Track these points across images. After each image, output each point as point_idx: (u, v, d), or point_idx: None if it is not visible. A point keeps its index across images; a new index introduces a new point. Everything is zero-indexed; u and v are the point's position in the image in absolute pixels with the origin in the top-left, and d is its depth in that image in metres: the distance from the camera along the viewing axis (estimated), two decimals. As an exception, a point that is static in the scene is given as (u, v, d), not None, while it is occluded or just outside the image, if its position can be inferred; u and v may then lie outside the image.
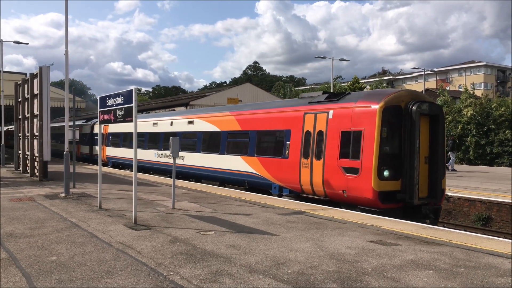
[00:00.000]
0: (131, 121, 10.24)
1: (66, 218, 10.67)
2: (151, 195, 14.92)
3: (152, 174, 23.98)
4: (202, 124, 20.01)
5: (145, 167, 24.60)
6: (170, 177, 19.82)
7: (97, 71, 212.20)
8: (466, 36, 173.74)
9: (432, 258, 7.35)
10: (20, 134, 25.14)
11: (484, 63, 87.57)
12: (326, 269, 6.68)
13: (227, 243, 8.21)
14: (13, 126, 32.02)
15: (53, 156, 36.79)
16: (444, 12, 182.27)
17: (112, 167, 28.73)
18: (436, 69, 79.62)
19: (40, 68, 19.48)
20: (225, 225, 9.91)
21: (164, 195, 15.08)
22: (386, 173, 12.11)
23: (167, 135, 22.30)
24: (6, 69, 36.10)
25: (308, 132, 14.14)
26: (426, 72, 54.01)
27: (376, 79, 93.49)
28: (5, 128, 39.07)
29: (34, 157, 21.19)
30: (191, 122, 20.84)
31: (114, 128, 28.93)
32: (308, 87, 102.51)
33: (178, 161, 19.30)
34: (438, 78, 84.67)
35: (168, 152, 20.23)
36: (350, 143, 12.67)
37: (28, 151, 22.44)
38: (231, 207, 12.59)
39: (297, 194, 14.65)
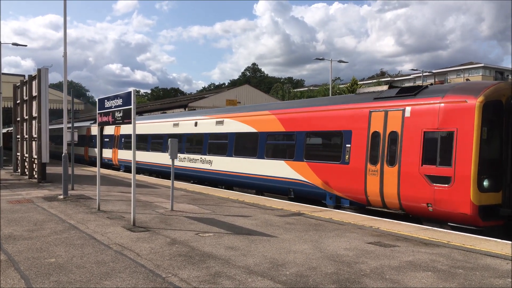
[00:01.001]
0: (130, 123, 10.24)
1: (65, 220, 10.66)
2: (149, 197, 14.92)
3: (155, 176, 23.13)
4: (234, 125, 17.77)
5: (165, 172, 22.38)
6: (195, 183, 19.95)
7: (95, 73, 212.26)
8: (464, 38, 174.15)
9: (431, 259, 7.37)
10: (18, 136, 25.13)
11: (482, 65, 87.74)
12: (325, 270, 6.69)
13: (225, 245, 8.22)
14: (12, 128, 31.97)
15: (57, 158, 36.35)
16: (442, 14, 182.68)
17: (125, 171, 26.57)
18: (434, 71, 79.87)
19: (39, 70, 19.49)
20: (223, 227, 9.92)
21: (162, 197, 15.08)
22: (486, 183, 10.03)
23: (190, 137, 20.93)
24: (4, 71, 36.14)
25: (376, 134, 12.02)
26: (424, 74, 54.16)
27: (375, 80, 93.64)
28: (4, 130, 38.91)
29: (33, 159, 21.18)
30: (220, 123, 18.52)
31: (127, 129, 26.77)
32: (307, 88, 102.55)
33: (205, 166, 18.88)
34: (436, 80, 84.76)
35: (193, 156, 19.98)
36: (438, 146, 10.67)
37: (26, 153, 22.42)
38: (230, 209, 12.60)
39: (361, 206, 12.54)
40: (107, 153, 29.68)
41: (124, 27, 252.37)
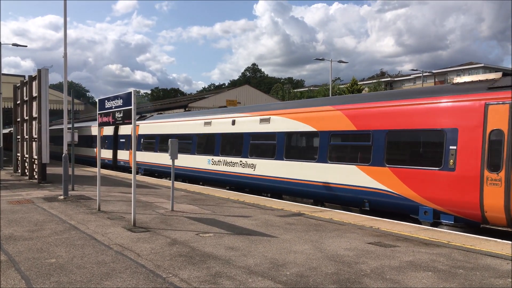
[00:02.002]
0: (130, 123, 10.25)
1: (65, 221, 10.67)
2: (150, 197, 14.92)
3: (203, 184, 19.95)
4: (284, 123, 15.26)
5: (192, 177, 20.48)
6: (232, 189, 17.77)
7: (95, 73, 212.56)
8: (464, 38, 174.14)
9: (431, 259, 7.37)
10: (19, 137, 25.14)
11: (482, 65, 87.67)
12: (325, 270, 6.69)
13: (226, 245, 8.22)
14: (12, 129, 31.96)
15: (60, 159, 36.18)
16: (442, 14, 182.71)
17: (145, 175, 24.68)
18: (434, 71, 79.87)
19: (39, 71, 19.50)
20: (224, 227, 9.92)
21: (163, 197, 15.08)
22: None
23: (227, 137, 18.35)
24: (4, 71, 36.07)
25: (497, 132, 9.68)
26: (424, 74, 54.15)
27: (375, 80, 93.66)
28: (6, 131, 38.73)
29: (33, 160, 21.19)
30: (265, 120, 16.16)
31: (146, 129, 25.14)
32: (307, 88, 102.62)
33: (246, 171, 16.63)
34: (436, 80, 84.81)
35: (230, 159, 17.55)
36: None
37: (26, 154, 22.43)
38: (230, 209, 12.60)
39: (472, 224, 10.32)
40: (123, 155, 27.44)
41: (123, 28, 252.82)
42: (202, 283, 6.06)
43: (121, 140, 28.22)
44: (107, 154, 29.91)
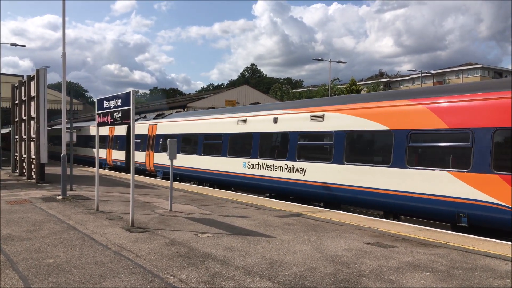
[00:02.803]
0: (128, 123, 10.24)
1: (63, 221, 10.65)
2: (148, 198, 14.91)
3: (235, 190, 17.92)
4: (343, 120, 13.12)
5: (222, 181, 18.40)
6: (272, 196, 15.76)
7: (94, 73, 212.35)
8: (463, 38, 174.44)
9: (429, 260, 7.37)
10: (17, 137, 25.10)
11: (480, 65, 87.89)
12: (324, 271, 6.69)
13: (224, 246, 8.21)
14: (10, 129, 31.87)
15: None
16: (441, 14, 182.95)
17: (164, 178, 22.08)
18: (433, 71, 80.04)
19: (37, 71, 19.47)
20: (222, 227, 9.91)
21: (161, 197, 15.06)
22: None
23: (267, 137, 16.33)
24: (3, 71, 35.99)
25: None
26: (423, 74, 54.21)
27: (373, 81, 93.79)
28: (6, 131, 38.45)
29: (31, 160, 21.16)
30: (317, 117, 13.91)
31: (166, 128, 23.03)
32: (306, 89, 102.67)
33: (293, 176, 14.50)
34: (435, 80, 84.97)
35: (271, 162, 15.48)
36: None
37: (25, 154, 22.40)
38: (229, 209, 12.59)
39: None
40: (138, 156, 25.07)
41: (122, 28, 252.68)
42: (200, 284, 6.05)
43: (135, 140, 25.55)
44: (118, 155, 27.85)
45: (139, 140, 25.36)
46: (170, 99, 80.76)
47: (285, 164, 14.93)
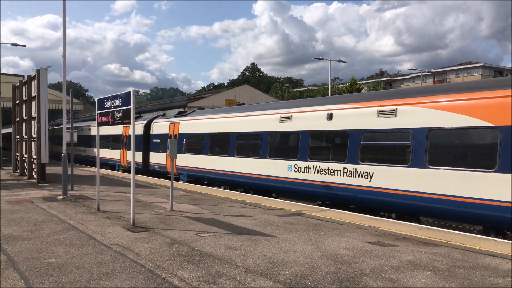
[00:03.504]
0: (129, 123, 10.24)
1: (64, 220, 10.66)
2: (149, 197, 14.91)
3: (276, 197, 15.78)
4: (423, 115, 11.09)
5: (261, 186, 16.29)
6: (322, 204, 13.98)
7: (94, 73, 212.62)
8: (463, 37, 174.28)
9: (430, 259, 7.37)
10: (18, 136, 25.12)
11: (481, 64, 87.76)
12: (324, 270, 6.69)
13: (225, 245, 8.22)
14: (11, 129, 31.87)
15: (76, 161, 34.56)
16: (441, 13, 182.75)
17: (189, 181, 20.67)
18: (433, 70, 79.99)
19: (38, 70, 19.49)
20: (223, 227, 9.92)
21: (162, 197, 15.07)
22: None
23: (320, 136, 14.36)
24: (3, 71, 35.92)
25: None
26: (423, 73, 54.17)
27: (374, 80, 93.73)
28: (8, 130, 38.20)
29: (32, 159, 21.17)
30: (388, 113, 11.85)
31: (190, 127, 20.97)
32: (306, 88, 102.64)
33: (354, 181, 12.49)
34: (435, 79, 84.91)
35: (325, 165, 13.40)
36: None
37: (26, 153, 22.42)
38: (229, 209, 12.60)
39: None
40: (158, 158, 23.21)
41: (122, 27, 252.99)
42: (201, 283, 6.06)
43: (154, 140, 24.04)
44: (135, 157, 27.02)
45: (158, 140, 23.43)
46: (170, 99, 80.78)
47: (345, 168, 12.80)
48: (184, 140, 21.11)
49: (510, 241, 8.71)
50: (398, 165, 11.51)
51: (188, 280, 6.17)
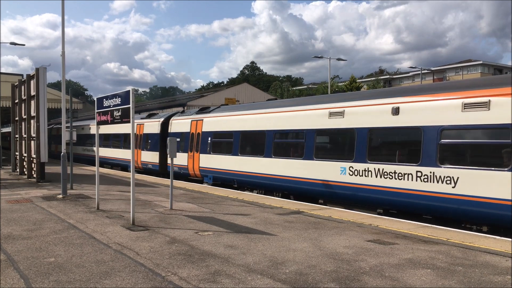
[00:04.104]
0: (128, 121, 10.24)
1: (64, 220, 10.65)
2: (149, 196, 14.91)
3: (324, 203, 14.15)
4: None
5: (307, 192, 14.28)
6: (395, 216, 11.63)
7: (93, 72, 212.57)
8: (463, 35, 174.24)
9: (430, 257, 7.38)
10: (17, 136, 25.09)
11: (480, 62, 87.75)
12: (324, 268, 6.69)
13: (225, 243, 8.22)
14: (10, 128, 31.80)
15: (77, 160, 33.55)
16: (441, 11, 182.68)
17: (214, 185, 18.77)
18: (433, 68, 79.92)
19: (37, 70, 19.47)
20: (223, 226, 9.92)
21: (162, 196, 15.07)
22: None
23: (384, 134, 12.27)
24: (2, 70, 35.80)
25: None
26: (423, 71, 54.15)
27: (373, 78, 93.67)
28: (7, 129, 37.99)
29: (31, 159, 21.16)
30: (477, 105, 9.98)
31: (217, 124, 19.01)
32: (306, 86, 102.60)
33: (437, 188, 10.49)
34: (435, 77, 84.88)
35: (391, 167, 11.53)
36: None
37: (25, 153, 22.40)
38: (229, 207, 12.60)
39: None
40: (179, 158, 20.39)
41: (121, 26, 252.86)
42: (201, 282, 6.06)
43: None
44: (150, 157, 23.82)
45: (178, 139, 20.82)
46: (169, 97, 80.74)
47: (418, 172, 10.89)
48: (209, 139, 19.21)
49: (509, 239, 8.71)
50: (494, 169, 9.47)
51: (188, 279, 6.17)
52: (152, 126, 24.26)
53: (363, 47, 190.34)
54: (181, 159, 20.83)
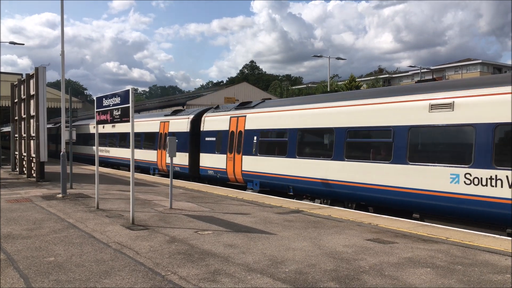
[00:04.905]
0: (128, 121, 10.23)
1: (64, 219, 10.65)
2: (148, 195, 14.91)
3: (422, 219, 11.15)
4: None
5: (397, 203, 11.62)
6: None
7: (92, 71, 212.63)
8: (462, 34, 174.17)
9: (429, 255, 7.38)
10: (16, 135, 25.08)
11: (480, 61, 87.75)
12: (324, 267, 6.70)
13: (224, 243, 8.22)
14: (10, 127, 31.76)
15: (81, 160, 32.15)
16: (440, 10, 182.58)
17: (262, 192, 16.14)
18: (432, 67, 79.91)
19: (36, 69, 19.45)
20: (222, 225, 9.92)
21: (161, 195, 15.07)
22: None
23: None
24: (1, 69, 35.70)
25: None
26: (422, 70, 54.14)
27: (373, 77, 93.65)
28: (8, 128, 37.74)
29: (31, 158, 21.15)
30: None
31: (263, 121, 16.43)
32: (305, 85, 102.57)
33: None
34: (434, 76, 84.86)
35: (477, 172, 9.56)
36: None
37: (25, 152, 22.39)
38: (229, 207, 12.60)
39: None
40: (213, 160, 18.75)
41: (121, 25, 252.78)
42: (201, 281, 6.06)
43: (207, 138, 19.57)
44: (176, 158, 18.03)
45: (212, 139, 19.06)
46: (169, 97, 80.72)
47: None
48: (255, 138, 16.59)
49: (509, 238, 8.72)
50: None
51: (187, 278, 6.18)
52: (179, 123, 21.84)
53: (363, 46, 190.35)
54: (217, 161, 18.56)
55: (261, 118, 16.65)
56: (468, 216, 10.27)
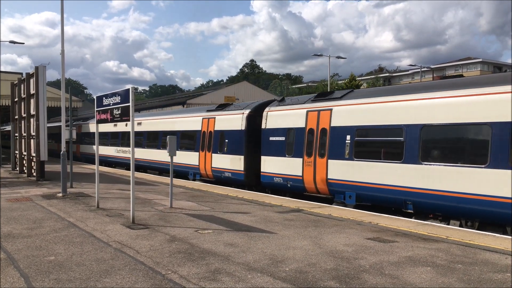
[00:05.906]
0: (128, 120, 10.23)
1: (64, 218, 10.66)
2: (149, 194, 14.91)
3: None
4: None
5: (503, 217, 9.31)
6: None
7: (92, 70, 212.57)
8: (463, 33, 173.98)
9: (429, 254, 7.38)
10: (16, 134, 25.08)
11: (480, 60, 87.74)
12: (324, 266, 6.70)
13: (225, 242, 8.22)
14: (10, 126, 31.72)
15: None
16: (440, 9, 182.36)
17: (357, 206, 12.71)
18: (432, 66, 79.80)
19: (36, 68, 19.43)
20: (223, 224, 9.92)
21: (161, 194, 15.07)
22: None
23: None
24: (1, 68, 35.68)
25: None
26: (422, 69, 54.09)
27: (373, 76, 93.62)
28: (8, 128, 37.66)
29: (31, 157, 21.16)
30: None
31: (361, 116, 12.79)
32: (305, 84, 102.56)
33: None
34: (434, 75, 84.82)
35: None
36: None
37: (25, 151, 22.39)
38: (229, 206, 12.60)
39: None
40: (280, 165, 15.52)
41: (120, 24, 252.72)
42: (201, 280, 6.07)
43: (272, 138, 16.07)
44: (226, 162, 18.10)
45: (280, 138, 15.63)
46: (169, 96, 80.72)
47: None
48: (348, 137, 13.04)
49: (509, 237, 8.72)
50: None
51: (188, 277, 6.18)
52: (230, 120, 18.38)
53: (363, 45, 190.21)
54: (289, 166, 15.07)
55: (358, 112, 13.00)
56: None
